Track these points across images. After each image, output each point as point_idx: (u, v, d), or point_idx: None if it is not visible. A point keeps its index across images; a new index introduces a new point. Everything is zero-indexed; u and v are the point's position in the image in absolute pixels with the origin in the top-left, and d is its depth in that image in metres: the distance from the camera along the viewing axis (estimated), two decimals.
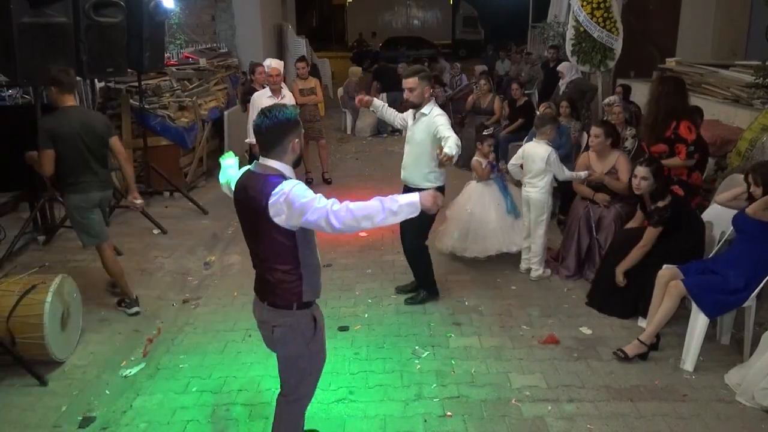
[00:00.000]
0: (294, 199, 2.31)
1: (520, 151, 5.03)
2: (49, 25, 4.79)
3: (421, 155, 4.21)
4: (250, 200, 2.41)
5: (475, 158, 5.33)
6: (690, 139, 4.39)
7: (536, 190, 4.87)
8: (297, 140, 2.47)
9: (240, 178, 2.56)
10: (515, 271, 5.12)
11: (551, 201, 4.99)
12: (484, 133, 5.60)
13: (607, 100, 6.41)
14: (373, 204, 2.33)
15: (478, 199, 5.24)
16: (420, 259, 4.54)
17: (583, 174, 4.90)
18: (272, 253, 2.48)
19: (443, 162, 3.69)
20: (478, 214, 5.18)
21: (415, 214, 2.36)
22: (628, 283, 4.22)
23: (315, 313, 2.63)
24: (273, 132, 2.42)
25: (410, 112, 4.34)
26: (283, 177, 2.41)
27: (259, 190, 2.37)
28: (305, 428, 2.92)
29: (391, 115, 4.61)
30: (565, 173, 4.86)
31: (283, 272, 2.50)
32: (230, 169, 2.97)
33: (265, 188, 2.36)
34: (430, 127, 4.10)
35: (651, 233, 4.08)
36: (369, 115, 11.25)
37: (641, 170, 4.08)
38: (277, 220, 2.35)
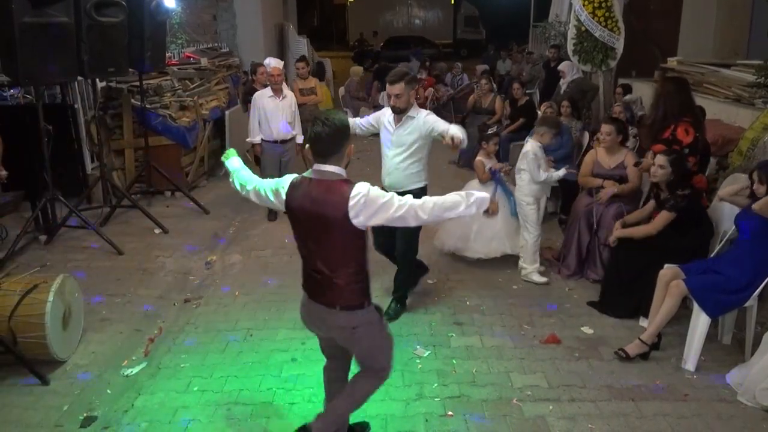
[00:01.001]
0: (375, 200, 2.45)
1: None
2: (50, 24, 4.79)
3: (411, 158, 4.12)
4: (323, 207, 2.46)
5: (478, 158, 5.28)
6: (685, 141, 4.34)
7: (518, 189, 4.93)
8: (352, 145, 2.59)
9: (297, 187, 2.56)
10: (516, 271, 5.11)
11: (539, 202, 4.94)
12: (488, 132, 5.47)
13: (627, 98, 6.53)
14: (455, 198, 2.55)
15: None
16: (412, 263, 4.46)
17: (560, 173, 4.87)
18: (343, 257, 2.56)
19: (456, 145, 3.74)
20: (482, 215, 5.14)
21: (484, 208, 2.59)
22: (632, 283, 4.21)
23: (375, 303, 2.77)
24: (333, 139, 2.48)
25: (387, 116, 4.19)
26: (349, 181, 2.51)
27: (334, 197, 2.45)
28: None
29: (364, 126, 4.40)
30: (541, 175, 4.76)
31: (352, 273, 2.58)
32: (243, 171, 2.92)
33: (340, 193, 2.45)
34: (422, 129, 4.04)
35: (664, 217, 4.07)
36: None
37: (660, 158, 4.12)
38: (356, 221, 2.45)
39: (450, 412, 3.30)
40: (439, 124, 3.99)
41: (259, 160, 6.64)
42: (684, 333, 3.80)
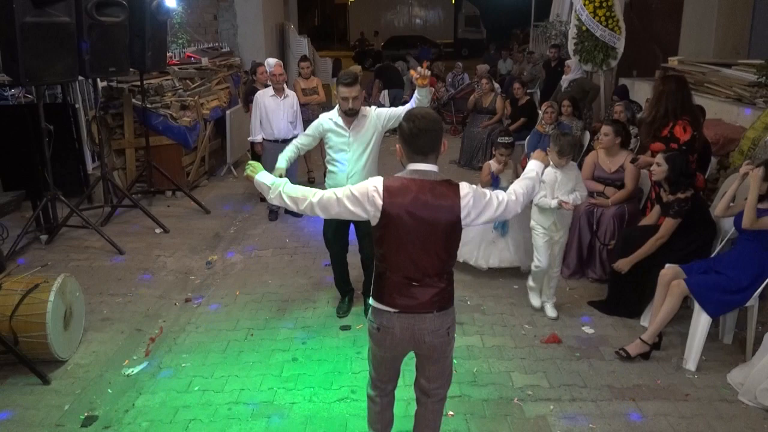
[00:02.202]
0: (480, 198, 2.43)
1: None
2: (51, 24, 4.80)
3: (372, 154, 4.06)
4: (436, 210, 2.35)
5: (490, 161, 5.03)
6: (682, 139, 4.33)
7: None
8: (445, 141, 2.49)
9: (398, 191, 2.35)
10: (517, 271, 5.11)
11: (551, 234, 4.31)
12: (500, 140, 4.94)
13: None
14: (529, 182, 2.66)
15: None
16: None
17: (553, 203, 4.18)
18: (448, 258, 2.48)
19: (422, 82, 3.77)
20: (492, 228, 5.02)
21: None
22: (636, 283, 4.21)
23: None
24: (436, 135, 2.41)
25: (331, 121, 4.00)
26: (450, 180, 2.43)
27: (445, 199, 2.37)
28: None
29: (305, 145, 4.24)
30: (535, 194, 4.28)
31: (450, 273, 2.56)
32: (288, 185, 2.63)
33: (450, 194, 2.38)
34: (377, 123, 4.01)
35: (669, 224, 4.02)
36: None
37: (658, 156, 4.12)
38: (465, 222, 2.42)
39: (451, 412, 3.30)
40: (394, 109, 4.07)
41: (259, 159, 6.64)
42: (685, 333, 3.80)
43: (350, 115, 3.93)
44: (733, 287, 3.63)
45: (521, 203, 2.56)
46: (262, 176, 2.67)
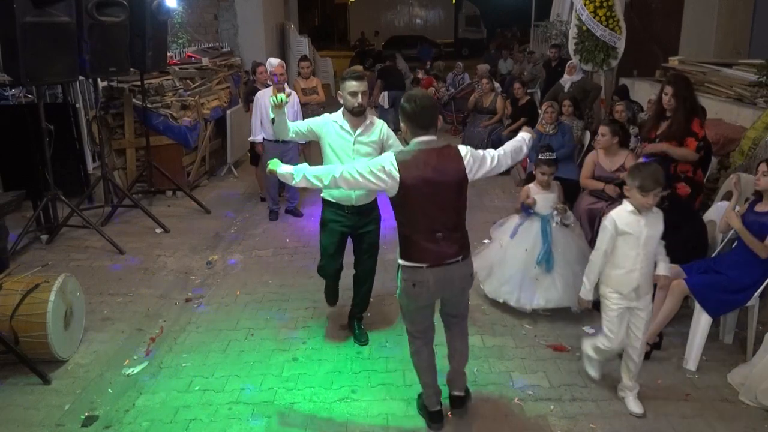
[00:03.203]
0: (477, 155, 2.91)
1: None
2: (52, 24, 4.80)
3: None
4: (445, 173, 2.80)
5: (530, 185, 4.44)
6: (700, 134, 4.42)
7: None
8: (439, 116, 2.99)
9: (409, 163, 2.77)
10: None
11: (617, 290, 3.25)
12: (542, 156, 4.34)
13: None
14: (517, 143, 3.11)
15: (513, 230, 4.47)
16: (373, 277, 4.11)
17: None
18: (461, 211, 2.93)
19: None
20: (506, 249, 4.46)
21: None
22: None
23: None
24: (432, 111, 2.86)
25: (336, 121, 3.71)
26: (450, 145, 2.91)
27: (451, 161, 2.83)
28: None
29: (301, 130, 3.83)
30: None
31: (464, 224, 2.96)
32: (308, 168, 3.02)
33: (453, 156, 2.85)
34: (383, 137, 3.76)
35: None
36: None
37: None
38: (470, 177, 2.86)
39: (451, 412, 3.29)
40: (394, 141, 3.79)
41: (258, 159, 6.65)
42: (685, 333, 3.80)
43: (357, 114, 3.65)
44: (734, 287, 3.63)
45: (510, 158, 3.05)
46: (283, 168, 3.02)
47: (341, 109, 3.75)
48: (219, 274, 5.18)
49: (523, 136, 3.19)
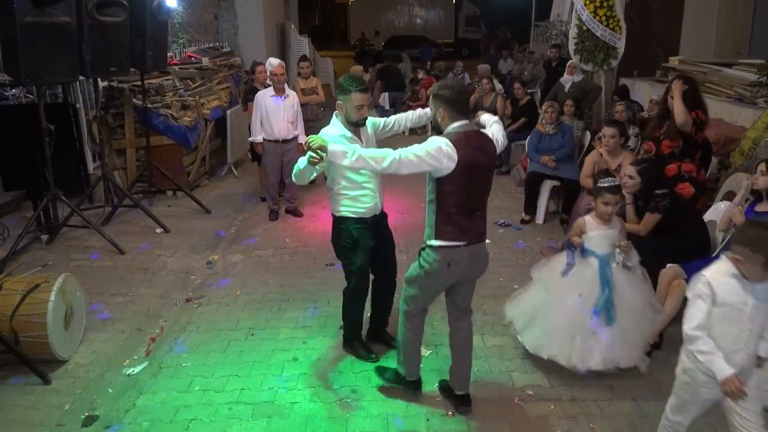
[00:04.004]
0: (496, 136, 3.18)
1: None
2: (52, 24, 4.80)
3: None
4: (487, 154, 3.00)
5: (586, 217, 3.66)
6: (702, 118, 4.51)
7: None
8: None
9: (462, 144, 2.85)
10: (518, 270, 5.11)
11: (707, 373, 2.58)
12: (603, 183, 3.55)
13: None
14: (497, 125, 3.33)
15: (560, 273, 3.66)
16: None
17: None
18: (490, 190, 3.11)
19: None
20: (553, 293, 3.64)
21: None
22: None
23: None
24: (468, 97, 3.11)
25: (342, 135, 3.45)
26: (479, 128, 3.16)
27: (488, 143, 3.03)
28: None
29: (402, 123, 3.82)
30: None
31: None
32: (359, 151, 2.87)
33: (487, 138, 3.06)
34: (373, 130, 3.65)
35: (648, 219, 4.10)
36: (371, 113, 11.24)
37: (629, 169, 4.17)
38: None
39: (451, 412, 3.30)
40: (387, 119, 3.77)
41: (259, 158, 6.65)
42: None
43: (360, 126, 3.52)
44: None
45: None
46: (334, 145, 2.93)
47: (338, 118, 3.52)
48: (219, 274, 5.17)
49: (494, 117, 3.39)
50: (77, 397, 3.45)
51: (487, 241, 3.20)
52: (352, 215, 3.56)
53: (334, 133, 3.45)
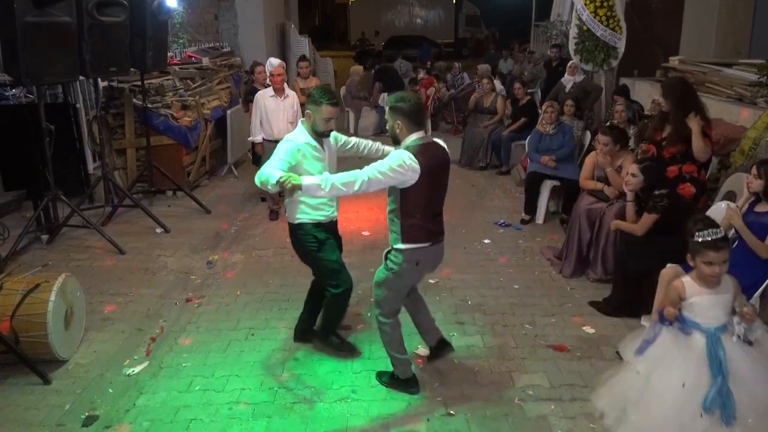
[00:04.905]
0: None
1: None
2: (52, 24, 4.80)
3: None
4: (445, 160, 3.23)
5: (684, 278, 2.84)
6: (707, 130, 4.50)
7: None
8: None
9: (423, 154, 3.04)
10: (518, 270, 5.11)
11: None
12: (702, 236, 2.71)
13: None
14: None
15: (662, 353, 2.80)
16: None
17: None
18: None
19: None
20: (648, 379, 2.79)
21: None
22: (641, 286, 4.21)
23: None
24: (422, 110, 3.23)
25: (307, 144, 3.47)
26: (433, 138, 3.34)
27: (442, 149, 3.24)
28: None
29: (359, 148, 3.82)
30: None
31: None
32: (332, 177, 3.02)
33: (442, 146, 3.25)
34: (335, 143, 3.67)
35: (646, 219, 4.12)
36: (371, 114, 11.25)
37: (632, 167, 4.19)
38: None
39: (451, 412, 3.30)
40: (350, 138, 3.79)
41: (259, 158, 6.65)
42: None
43: (325, 137, 3.53)
44: None
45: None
46: (306, 179, 3.02)
47: (304, 126, 3.51)
48: (219, 274, 5.18)
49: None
50: (77, 397, 3.45)
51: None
52: (308, 220, 3.60)
53: (299, 140, 3.47)
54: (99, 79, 6.63)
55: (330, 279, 3.67)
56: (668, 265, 3.93)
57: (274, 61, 6.61)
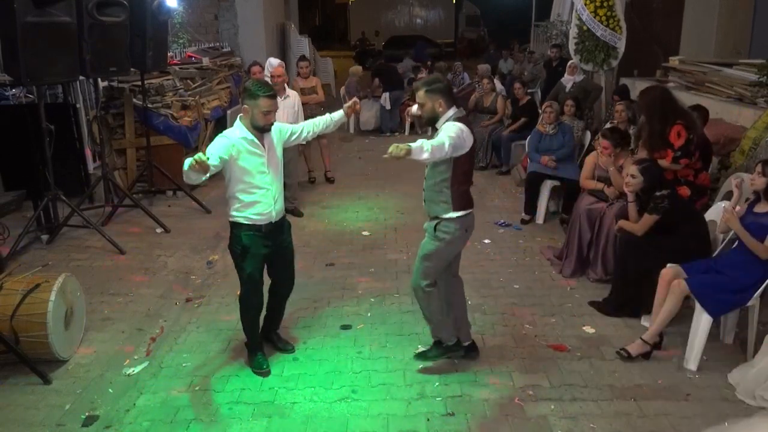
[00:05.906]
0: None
1: None
2: (52, 24, 4.80)
3: (282, 168, 3.75)
4: (473, 132, 3.37)
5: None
6: (677, 144, 4.48)
7: None
8: None
9: (465, 122, 3.31)
10: (518, 270, 5.11)
11: None
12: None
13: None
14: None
15: None
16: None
17: None
18: None
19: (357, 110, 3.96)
20: None
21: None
22: (641, 286, 4.21)
23: None
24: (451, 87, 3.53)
25: (244, 141, 3.48)
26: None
27: (469, 124, 3.40)
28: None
29: (311, 129, 3.84)
30: None
31: None
32: (425, 143, 3.10)
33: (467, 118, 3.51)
34: (281, 136, 3.66)
35: (646, 219, 4.11)
36: (369, 110, 11.25)
37: (632, 168, 4.19)
38: None
39: (451, 412, 3.30)
40: (294, 126, 3.77)
41: None
42: (686, 332, 3.79)
43: (265, 131, 3.47)
44: (734, 287, 3.63)
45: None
46: (414, 144, 3.02)
47: (242, 122, 3.47)
48: (219, 274, 5.17)
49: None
50: (77, 397, 3.45)
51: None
52: (245, 221, 3.49)
53: (235, 135, 3.44)
54: (99, 79, 6.63)
55: (242, 286, 3.65)
56: (668, 265, 3.94)
57: (273, 62, 6.60)
